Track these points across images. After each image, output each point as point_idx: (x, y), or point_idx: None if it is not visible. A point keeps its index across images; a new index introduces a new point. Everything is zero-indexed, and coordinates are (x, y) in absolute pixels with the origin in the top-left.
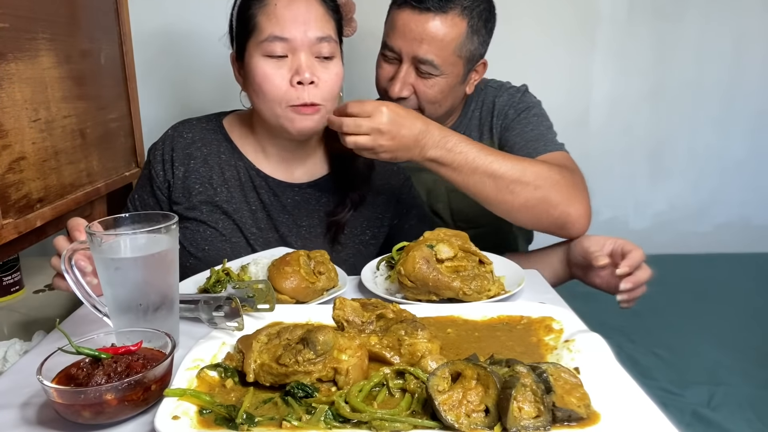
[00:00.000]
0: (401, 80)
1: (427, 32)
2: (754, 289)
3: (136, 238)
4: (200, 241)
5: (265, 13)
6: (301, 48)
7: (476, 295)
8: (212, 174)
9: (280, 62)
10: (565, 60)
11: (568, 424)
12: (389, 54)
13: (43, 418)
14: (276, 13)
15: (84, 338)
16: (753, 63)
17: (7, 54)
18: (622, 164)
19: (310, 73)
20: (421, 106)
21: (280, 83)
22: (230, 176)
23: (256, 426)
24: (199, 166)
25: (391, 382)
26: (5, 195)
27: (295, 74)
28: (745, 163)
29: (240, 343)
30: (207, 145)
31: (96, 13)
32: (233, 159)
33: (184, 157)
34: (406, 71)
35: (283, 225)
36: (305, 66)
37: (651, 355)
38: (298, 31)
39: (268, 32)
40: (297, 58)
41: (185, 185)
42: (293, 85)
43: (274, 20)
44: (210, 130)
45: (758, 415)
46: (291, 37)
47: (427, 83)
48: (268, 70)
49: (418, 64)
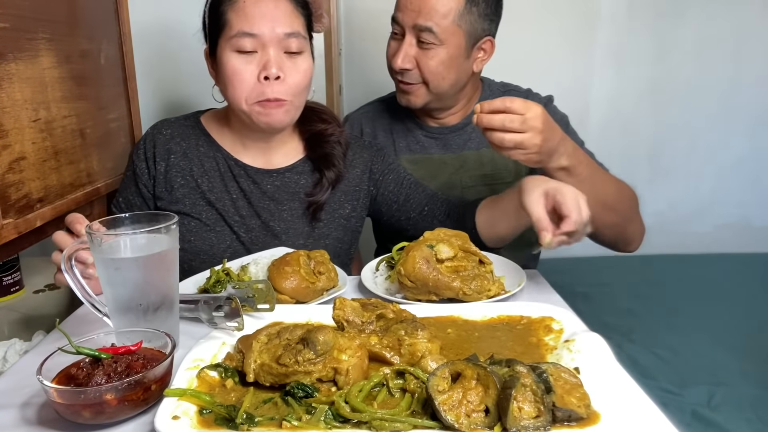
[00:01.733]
0: (403, 52)
1: (426, 1)
2: (754, 289)
3: (136, 238)
4: (185, 233)
5: (234, 9)
6: (269, 44)
7: (476, 295)
8: (192, 166)
9: (249, 58)
10: (565, 59)
11: (568, 424)
12: (396, 29)
13: (43, 418)
14: (245, 9)
15: (84, 338)
16: (753, 62)
17: (7, 54)
18: (621, 164)
19: (277, 68)
20: (425, 78)
21: (249, 78)
22: (210, 167)
23: (256, 426)
24: (179, 160)
25: (391, 382)
26: (5, 195)
27: (263, 69)
28: (744, 162)
29: (240, 343)
30: (186, 140)
31: (96, 13)
32: (211, 151)
33: (164, 152)
34: (408, 43)
35: (265, 210)
36: (272, 61)
37: (651, 355)
38: (265, 27)
39: (237, 28)
40: (265, 54)
41: (167, 179)
42: (260, 81)
43: (243, 17)
44: (188, 126)
45: (758, 415)
46: (259, 33)
47: (428, 54)
48: (238, 66)
49: (419, 34)
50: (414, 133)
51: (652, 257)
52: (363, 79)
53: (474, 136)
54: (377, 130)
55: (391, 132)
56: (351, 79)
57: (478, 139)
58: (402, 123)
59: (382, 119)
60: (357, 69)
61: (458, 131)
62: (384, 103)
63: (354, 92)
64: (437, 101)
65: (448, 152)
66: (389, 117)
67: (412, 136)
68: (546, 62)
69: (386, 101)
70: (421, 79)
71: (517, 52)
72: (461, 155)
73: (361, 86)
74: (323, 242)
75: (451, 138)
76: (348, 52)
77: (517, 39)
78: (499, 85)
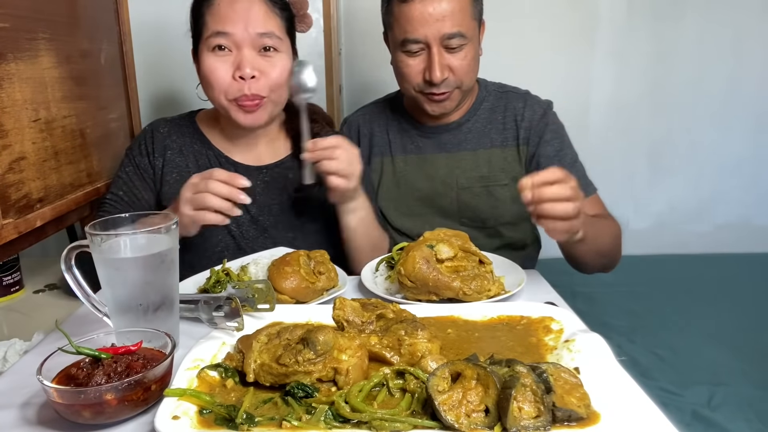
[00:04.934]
0: (438, 64)
1: (445, 8)
2: (754, 289)
3: (136, 238)
4: None
5: (210, 12)
6: (242, 43)
7: (476, 295)
8: (188, 162)
9: (224, 57)
10: (565, 60)
11: (568, 424)
12: (413, 47)
13: (43, 418)
14: (219, 11)
15: (84, 338)
16: (752, 63)
17: (7, 54)
18: (622, 164)
19: (251, 67)
20: (458, 82)
21: (224, 76)
22: (203, 164)
23: (256, 426)
24: (175, 156)
25: (391, 382)
26: (5, 195)
27: (237, 69)
28: (745, 162)
29: (240, 343)
30: (181, 137)
31: (96, 13)
32: (204, 149)
33: (161, 148)
34: (439, 54)
35: (254, 206)
36: (246, 61)
37: (651, 355)
38: (238, 27)
39: (212, 29)
40: (240, 54)
41: (163, 174)
42: (236, 79)
43: (218, 17)
44: (183, 124)
45: (758, 415)
46: (232, 32)
47: (459, 56)
48: (213, 64)
49: (446, 42)
50: (409, 133)
51: (652, 257)
52: (363, 79)
53: (470, 137)
54: (374, 131)
55: (387, 132)
56: (351, 79)
57: (474, 139)
58: (397, 122)
59: (378, 119)
60: (357, 69)
61: (453, 131)
62: (381, 104)
63: (354, 92)
64: (462, 98)
65: (443, 152)
66: (386, 117)
67: (407, 135)
68: (546, 62)
69: (383, 102)
70: (454, 83)
71: (517, 52)
72: (457, 155)
73: (361, 86)
74: (313, 238)
75: (446, 137)
76: (348, 52)
77: (517, 39)
78: (496, 86)
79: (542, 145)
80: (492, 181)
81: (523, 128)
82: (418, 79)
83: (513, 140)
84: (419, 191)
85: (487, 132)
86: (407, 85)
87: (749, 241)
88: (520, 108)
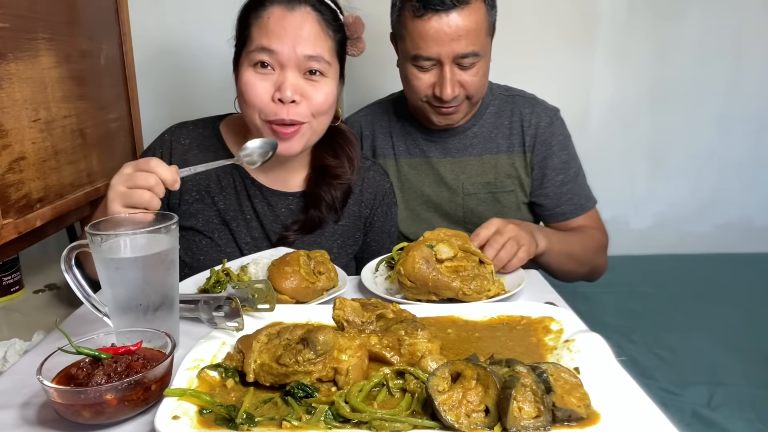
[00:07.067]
0: (450, 81)
1: (461, 28)
2: (754, 289)
3: (136, 238)
4: (195, 251)
5: (258, 23)
6: (287, 63)
7: (476, 295)
8: (209, 182)
9: (266, 75)
10: (565, 60)
11: (568, 424)
12: (425, 63)
13: (43, 418)
14: (268, 25)
15: (84, 338)
16: (753, 63)
17: (7, 54)
18: (622, 164)
19: (293, 91)
20: (469, 95)
21: (262, 95)
22: (226, 184)
23: (256, 426)
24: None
25: (391, 382)
26: (5, 195)
27: (278, 90)
28: (745, 163)
29: (240, 343)
30: (204, 152)
31: (96, 13)
32: (229, 167)
33: (181, 163)
34: (451, 71)
35: (275, 234)
36: (288, 84)
37: (651, 355)
38: (285, 46)
39: (257, 43)
40: (283, 74)
41: (181, 192)
42: (274, 101)
43: (265, 32)
44: (207, 136)
45: (758, 415)
46: (278, 50)
47: (471, 72)
48: (253, 80)
49: (459, 60)
50: (413, 136)
51: (652, 257)
52: (363, 79)
53: (476, 141)
54: (376, 133)
55: (391, 135)
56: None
57: (480, 144)
58: (401, 125)
59: (381, 121)
60: (357, 69)
61: (459, 135)
62: (384, 105)
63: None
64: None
65: (447, 156)
66: (388, 119)
67: (411, 139)
68: (546, 62)
69: (385, 103)
70: (465, 97)
71: (517, 52)
72: (462, 160)
73: (361, 86)
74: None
75: (451, 142)
76: None
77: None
78: (502, 89)
79: (549, 157)
80: (498, 187)
81: (529, 135)
82: (428, 92)
83: (519, 146)
84: (424, 196)
85: (494, 137)
86: (415, 96)
87: (749, 241)
88: (527, 113)
